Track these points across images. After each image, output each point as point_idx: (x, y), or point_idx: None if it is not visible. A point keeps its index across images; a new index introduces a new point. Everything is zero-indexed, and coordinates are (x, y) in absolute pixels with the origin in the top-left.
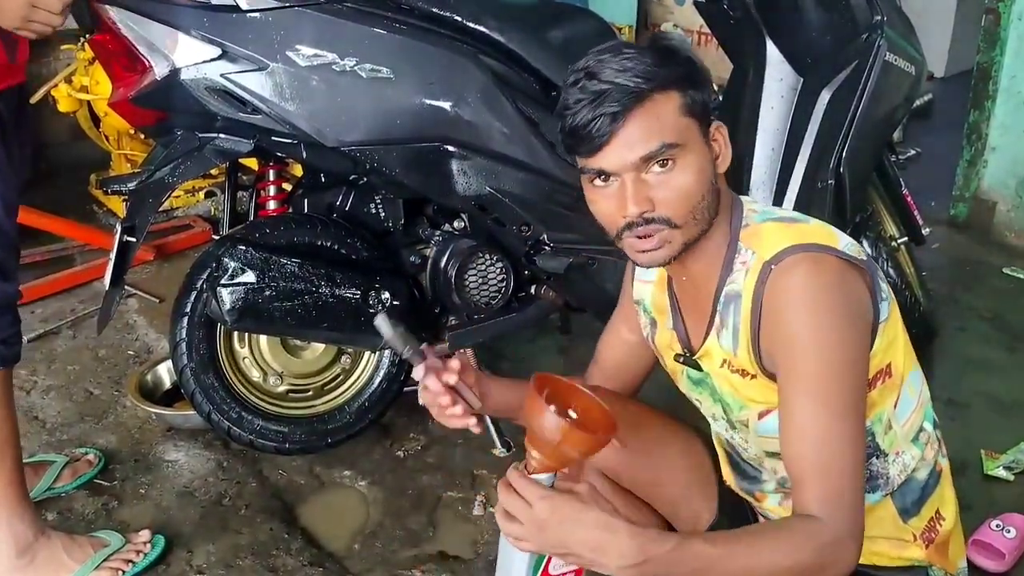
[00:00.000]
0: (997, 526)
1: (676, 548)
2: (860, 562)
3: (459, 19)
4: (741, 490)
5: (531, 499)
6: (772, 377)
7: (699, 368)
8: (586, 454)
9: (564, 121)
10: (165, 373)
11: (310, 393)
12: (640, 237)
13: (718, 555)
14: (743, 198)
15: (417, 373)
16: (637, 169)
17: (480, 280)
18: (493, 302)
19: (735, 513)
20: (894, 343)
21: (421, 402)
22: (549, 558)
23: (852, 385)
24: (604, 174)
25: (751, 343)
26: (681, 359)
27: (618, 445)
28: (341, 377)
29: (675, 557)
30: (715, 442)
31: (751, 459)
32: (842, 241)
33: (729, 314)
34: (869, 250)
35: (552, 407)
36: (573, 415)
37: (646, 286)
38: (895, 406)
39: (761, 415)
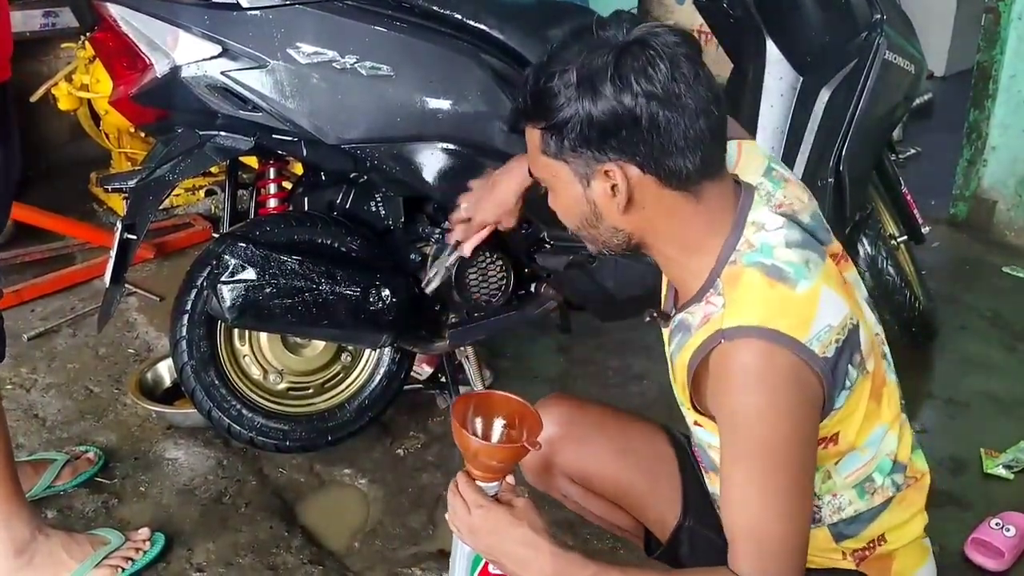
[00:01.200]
0: (996, 524)
1: (595, 574)
2: None
3: (459, 17)
4: (705, 466)
5: (470, 505)
6: (706, 414)
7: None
8: (507, 462)
9: None
10: (165, 371)
11: (310, 391)
12: None
13: None
14: (759, 197)
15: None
16: None
17: (480, 278)
18: (493, 300)
19: (703, 517)
20: (849, 418)
21: None
22: None
23: (793, 469)
24: None
25: (686, 384)
26: (648, 318)
27: (538, 449)
28: (341, 375)
29: None
30: None
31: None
32: (817, 325)
33: (674, 340)
34: (869, 249)
35: (478, 420)
36: (501, 422)
37: None
38: (836, 463)
39: (695, 423)
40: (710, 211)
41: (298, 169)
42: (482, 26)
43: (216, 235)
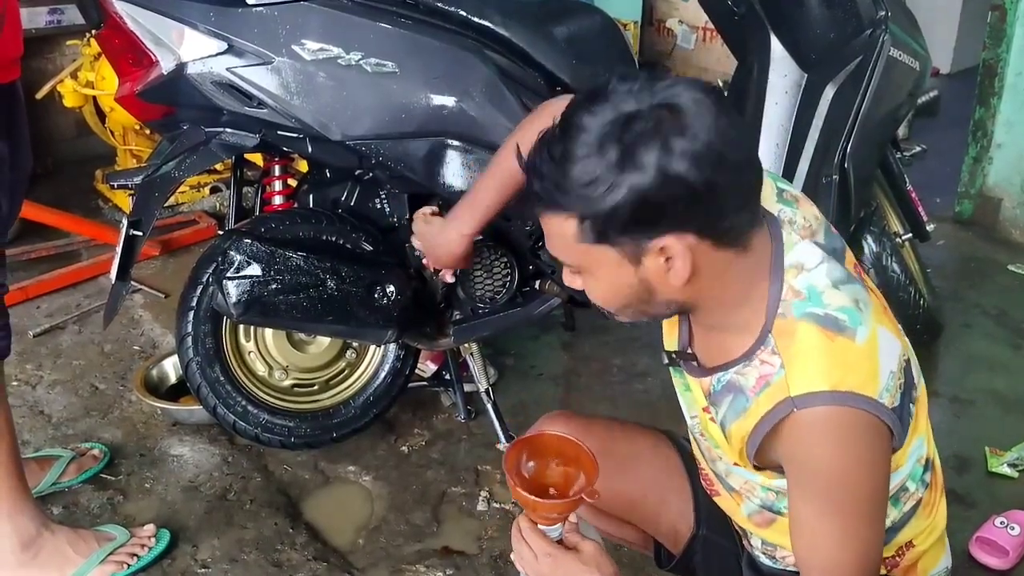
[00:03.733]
0: (1001, 523)
1: None
2: None
3: (464, 14)
4: (720, 486)
5: (537, 552)
6: (760, 469)
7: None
8: (566, 512)
9: None
10: (170, 368)
11: (315, 387)
12: None
13: None
14: (790, 239)
15: None
16: None
17: (484, 275)
18: (497, 296)
19: (715, 525)
20: (903, 448)
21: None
22: None
23: (873, 513)
24: None
25: (745, 450)
26: (667, 358)
27: (596, 497)
28: (346, 371)
29: None
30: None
31: (715, 461)
32: (883, 375)
33: (725, 402)
34: (874, 246)
35: (532, 464)
36: (555, 461)
37: None
38: None
39: (736, 464)
40: (756, 258)
41: (303, 167)
42: (486, 23)
43: (221, 232)
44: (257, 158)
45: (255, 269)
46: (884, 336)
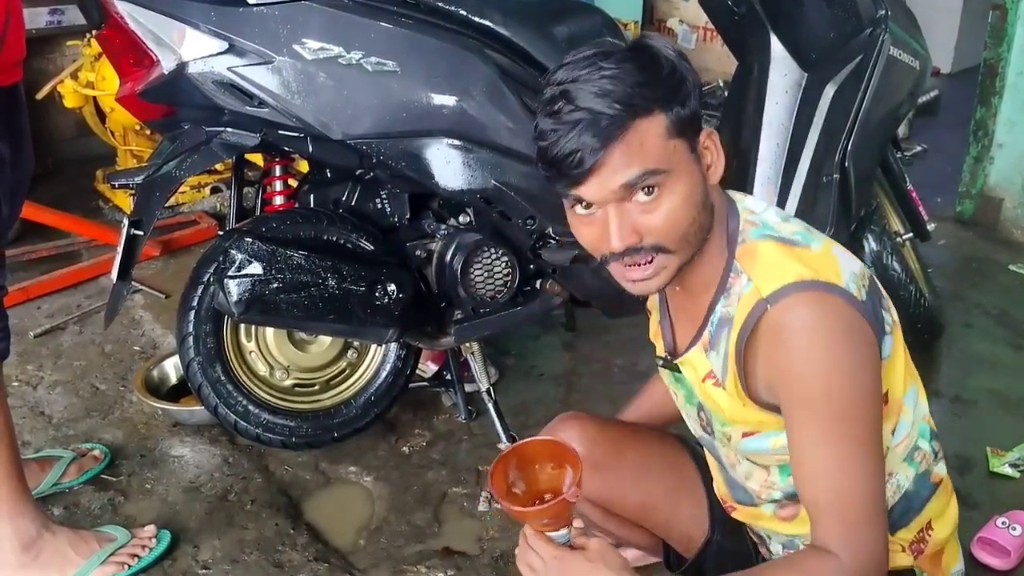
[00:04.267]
0: (1003, 523)
1: None
2: None
3: (464, 13)
4: (735, 501)
5: (544, 558)
6: (762, 405)
7: (678, 370)
8: (559, 516)
9: (539, 149)
10: (171, 369)
11: (316, 387)
12: (629, 266)
13: None
14: (736, 196)
15: None
16: (620, 198)
17: (485, 274)
18: (498, 296)
19: (729, 530)
20: (893, 371)
21: None
22: None
23: (866, 424)
24: (584, 202)
25: (737, 374)
26: (661, 362)
27: (578, 496)
28: (347, 371)
29: None
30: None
31: (731, 468)
32: (845, 273)
33: (721, 337)
34: (874, 245)
35: (520, 476)
36: (547, 465)
37: None
38: (892, 432)
39: (746, 434)
40: (719, 195)
41: (304, 167)
42: (487, 22)
43: (222, 232)
44: (258, 158)
45: (256, 268)
46: (840, 250)
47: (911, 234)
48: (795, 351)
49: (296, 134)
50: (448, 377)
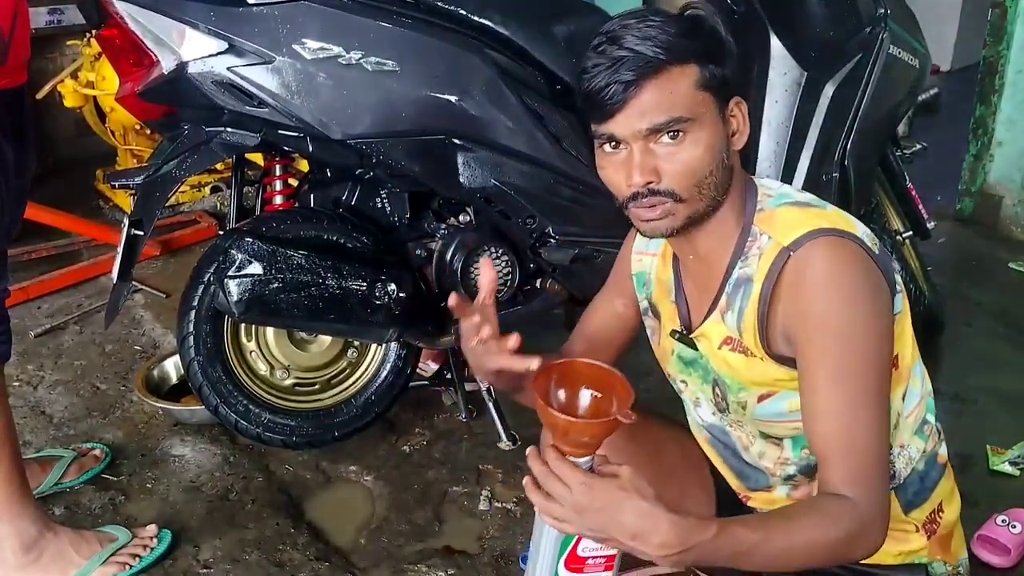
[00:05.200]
0: (1003, 521)
1: (717, 535)
2: (862, 561)
3: (464, 13)
4: (748, 490)
5: (571, 483)
6: (778, 359)
7: (694, 347)
8: (599, 437)
9: (581, 84)
10: (171, 368)
11: (316, 387)
12: (643, 208)
13: (757, 539)
14: (758, 180)
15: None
16: (646, 139)
17: None
18: (498, 295)
19: (736, 515)
20: (903, 335)
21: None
22: (579, 538)
23: (878, 371)
24: (614, 140)
25: (757, 326)
26: (677, 335)
27: (632, 420)
28: (347, 371)
29: (716, 544)
30: (703, 446)
31: (744, 451)
32: (860, 229)
33: (737, 297)
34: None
35: (561, 392)
36: (589, 393)
37: (650, 259)
38: (903, 398)
39: (761, 398)
40: (738, 173)
41: (304, 166)
42: (486, 22)
43: (222, 232)
44: (258, 158)
45: (256, 268)
46: (850, 215)
47: (911, 232)
48: (815, 289)
49: (296, 134)
50: (448, 376)
